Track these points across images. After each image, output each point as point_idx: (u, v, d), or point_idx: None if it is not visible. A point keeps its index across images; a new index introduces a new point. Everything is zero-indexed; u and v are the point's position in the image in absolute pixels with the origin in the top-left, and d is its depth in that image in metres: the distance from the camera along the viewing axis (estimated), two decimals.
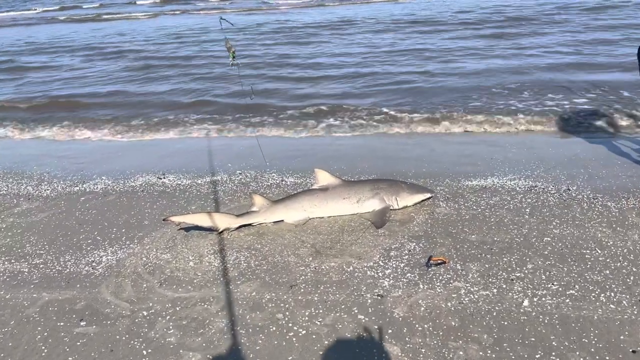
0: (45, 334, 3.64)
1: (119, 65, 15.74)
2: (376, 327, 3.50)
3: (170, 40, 20.26)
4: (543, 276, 3.92)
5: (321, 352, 3.32)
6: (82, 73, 14.92)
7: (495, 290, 3.79)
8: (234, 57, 5.33)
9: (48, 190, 6.33)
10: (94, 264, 4.53)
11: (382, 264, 4.24)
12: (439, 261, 4.19)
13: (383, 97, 10.12)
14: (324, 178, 5.27)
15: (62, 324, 3.74)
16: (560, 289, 3.75)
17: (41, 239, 5.06)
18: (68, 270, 4.45)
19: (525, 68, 11.58)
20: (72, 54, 18.46)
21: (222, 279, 4.18)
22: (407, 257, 4.32)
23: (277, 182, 6.15)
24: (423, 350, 3.28)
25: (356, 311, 3.67)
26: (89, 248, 4.81)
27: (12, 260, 4.68)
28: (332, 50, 15.67)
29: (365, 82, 11.41)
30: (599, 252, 4.18)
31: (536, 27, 16.94)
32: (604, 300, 3.59)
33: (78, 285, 4.20)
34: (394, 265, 4.20)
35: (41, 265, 4.56)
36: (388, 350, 3.30)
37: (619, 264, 4.01)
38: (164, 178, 6.48)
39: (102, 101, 11.49)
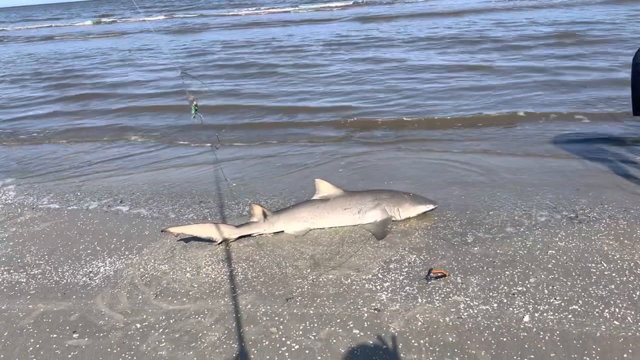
0: (38, 345, 3.61)
1: None
2: (371, 342, 3.41)
3: None
4: (545, 290, 3.79)
5: None
6: None
7: (495, 305, 3.67)
8: (196, 111, 5.53)
9: (53, 200, 6.36)
10: (91, 274, 4.51)
11: (380, 276, 4.15)
12: (439, 274, 4.08)
13: None
14: (325, 188, 5.20)
15: (55, 335, 3.70)
16: (562, 304, 3.63)
17: (41, 249, 5.06)
18: (65, 281, 4.43)
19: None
20: None
21: (218, 291, 4.12)
22: (406, 269, 4.22)
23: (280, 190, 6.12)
24: None
25: (352, 325, 3.58)
26: (87, 258, 4.80)
27: (11, 271, 4.68)
28: None
29: None
30: (605, 265, 4.05)
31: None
32: (608, 316, 3.46)
33: (74, 297, 4.18)
34: (393, 278, 4.11)
35: (39, 276, 4.55)
36: None
37: (624, 278, 3.87)
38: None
39: None
